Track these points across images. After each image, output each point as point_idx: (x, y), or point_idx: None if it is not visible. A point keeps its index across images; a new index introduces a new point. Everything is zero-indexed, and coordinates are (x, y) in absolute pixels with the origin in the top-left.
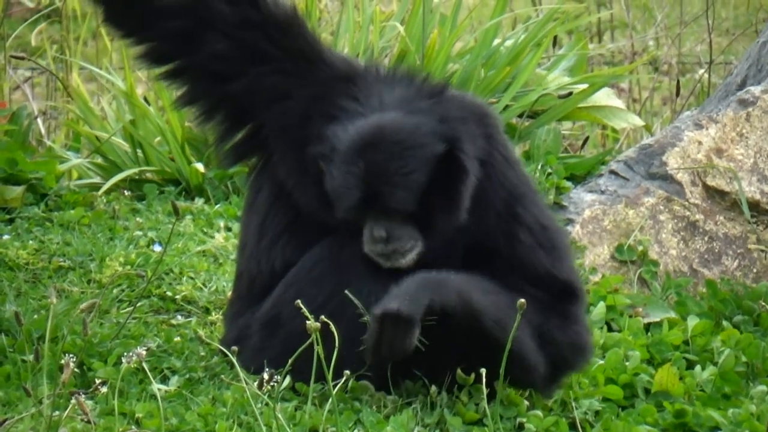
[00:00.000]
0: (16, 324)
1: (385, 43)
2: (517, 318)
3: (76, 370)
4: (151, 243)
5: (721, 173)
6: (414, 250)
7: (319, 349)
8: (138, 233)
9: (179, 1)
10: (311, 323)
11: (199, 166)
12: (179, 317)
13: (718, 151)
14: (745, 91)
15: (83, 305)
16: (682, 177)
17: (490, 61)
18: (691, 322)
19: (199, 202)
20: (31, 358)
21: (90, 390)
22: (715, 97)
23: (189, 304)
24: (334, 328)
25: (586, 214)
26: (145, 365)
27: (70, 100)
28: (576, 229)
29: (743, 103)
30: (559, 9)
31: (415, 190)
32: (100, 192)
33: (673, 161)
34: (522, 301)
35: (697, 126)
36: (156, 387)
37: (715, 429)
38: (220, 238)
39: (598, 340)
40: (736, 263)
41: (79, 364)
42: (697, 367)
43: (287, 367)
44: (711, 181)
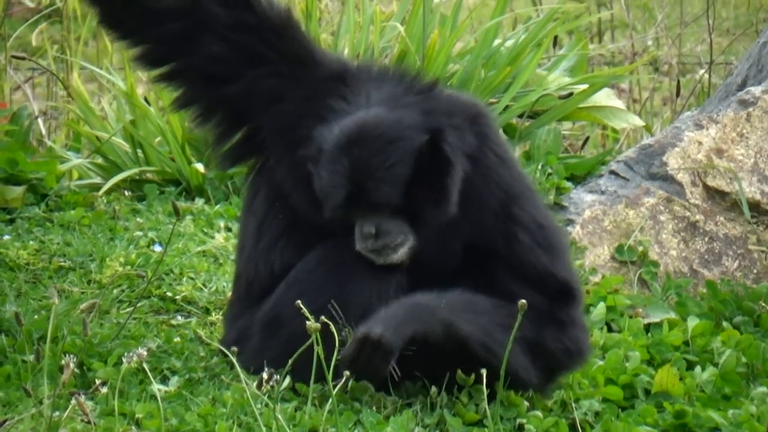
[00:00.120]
0: (17, 324)
1: (385, 43)
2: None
3: (76, 370)
4: (151, 243)
5: (721, 173)
6: (405, 244)
7: (319, 349)
8: (138, 233)
9: (175, 4)
10: (311, 324)
11: (200, 167)
12: (179, 318)
13: (719, 152)
14: (745, 92)
15: (83, 305)
16: (683, 177)
17: (491, 62)
18: (692, 322)
19: (199, 202)
20: (31, 358)
21: (90, 390)
22: (715, 97)
23: (189, 304)
24: (334, 329)
25: (587, 214)
26: (145, 366)
27: (71, 100)
28: (576, 230)
29: (743, 103)
30: (559, 9)
31: (399, 184)
32: (101, 192)
33: (673, 161)
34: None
35: (698, 126)
36: (156, 387)
37: (715, 430)
38: (220, 238)
39: (598, 340)
40: (736, 264)
41: (80, 365)
42: (697, 368)
43: (287, 367)
44: (711, 181)
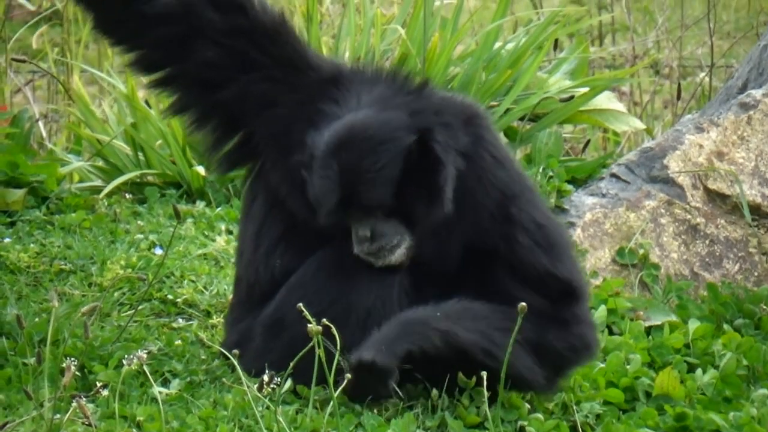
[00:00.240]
0: (18, 327)
1: (386, 46)
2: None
3: (77, 373)
4: (152, 246)
5: (722, 176)
6: (401, 245)
7: (320, 352)
8: (139, 236)
9: (169, 9)
10: (313, 326)
11: (201, 170)
12: (180, 320)
13: (719, 155)
14: (746, 95)
15: (84, 308)
16: (683, 180)
17: (491, 65)
18: (692, 325)
19: (200, 205)
20: (32, 361)
21: (91, 393)
22: (716, 100)
23: (190, 307)
24: (336, 332)
25: (587, 217)
26: (146, 368)
27: (72, 103)
28: (577, 233)
29: (744, 106)
30: (560, 12)
31: (389, 185)
32: (102, 195)
33: (674, 164)
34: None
35: (698, 129)
36: (157, 390)
37: None
38: (221, 241)
39: (599, 343)
40: (737, 266)
41: (80, 367)
42: (698, 371)
43: (288, 370)
44: (712, 184)
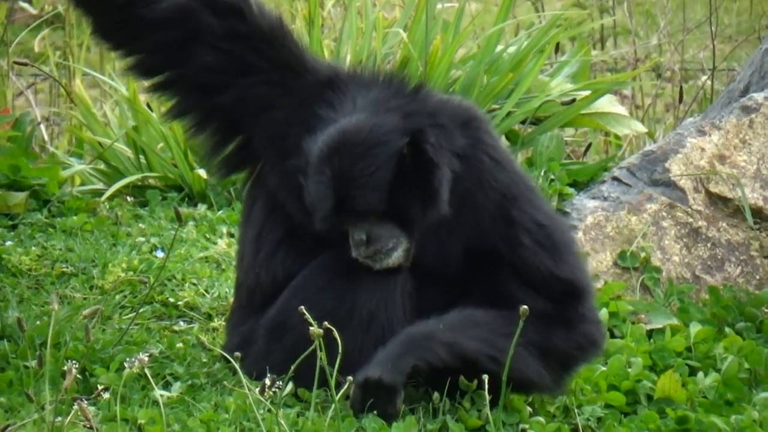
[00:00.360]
0: (19, 330)
1: (387, 49)
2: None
3: (78, 376)
4: (153, 249)
5: (723, 180)
6: (398, 248)
7: (322, 355)
8: (141, 239)
9: (168, 14)
10: (314, 329)
11: (202, 173)
12: (181, 323)
13: (721, 158)
14: (747, 98)
15: (86, 311)
16: (685, 183)
17: (493, 68)
18: (694, 328)
19: (201, 208)
20: (33, 364)
21: (92, 396)
22: (717, 103)
23: (191, 310)
24: (339, 334)
25: (589, 220)
26: (147, 371)
27: (73, 106)
28: (578, 236)
29: (746, 109)
30: (562, 15)
31: (383, 189)
32: (103, 198)
33: (675, 168)
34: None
35: (700, 133)
36: (158, 393)
37: None
38: (222, 244)
39: None
40: (738, 270)
41: (82, 370)
42: (700, 374)
43: (290, 373)
44: (714, 187)
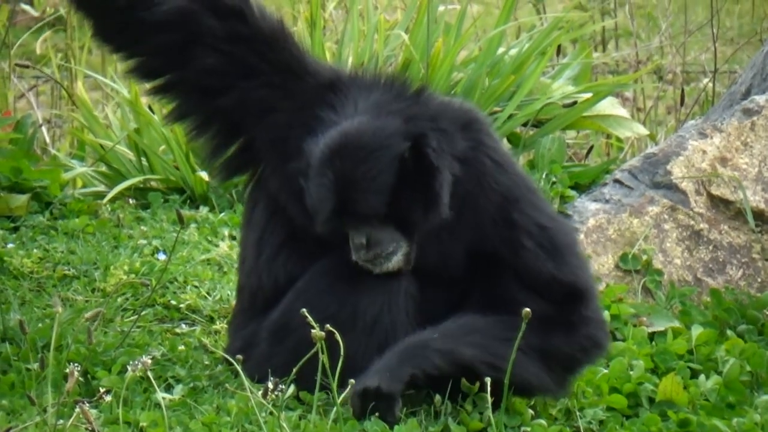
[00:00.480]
0: (21, 333)
1: (389, 51)
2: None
3: (80, 378)
4: (155, 251)
5: (725, 182)
6: (398, 252)
7: (324, 357)
8: (142, 242)
9: (169, 16)
10: (316, 332)
11: (204, 175)
12: (183, 326)
13: (723, 160)
14: (749, 100)
15: (88, 314)
16: (687, 186)
17: (495, 70)
18: (696, 331)
19: (203, 210)
20: (35, 366)
21: (94, 399)
22: (719, 106)
23: (193, 312)
24: (342, 337)
25: (591, 223)
26: (149, 374)
27: (75, 108)
28: (580, 239)
29: (748, 112)
30: (563, 18)
31: (384, 193)
32: (105, 200)
33: (677, 170)
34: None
35: (702, 135)
36: (160, 396)
37: None
38: (224, 246)
39: None
40: (740, 272)
41: (84, 373)
42: (702, 377)
43: (291, 375)
44: (715, 190)
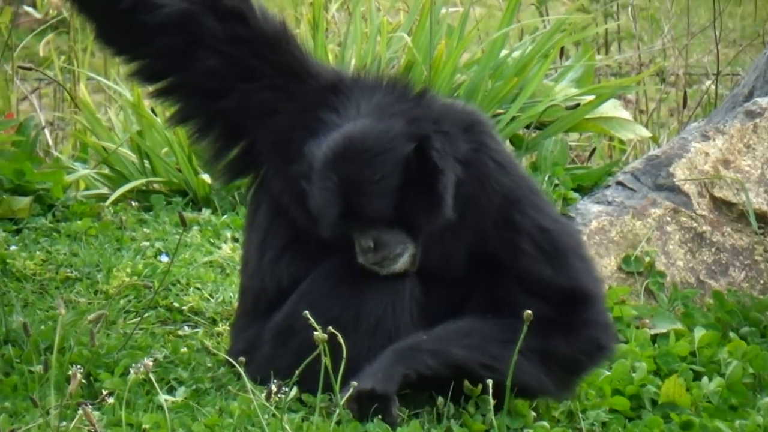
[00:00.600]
0: (24, 335)
1: (392, 54)
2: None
3: (83, 380)
4: (158, 254)
5: (728, 184)
6: (405, 253)
7: (326, 360)
8: (145, 244)
9: (171, 19)
10: (319, 334)
11: (206, 177)
12: (186, 328)
13: (725, 163)
14: (752, 103)
15: (90, 316)
16: (689, 188)
17: (497, 72)
18: (698, 333)
19: (206, 212)
20: (38, 368)
21: (97, 401)
22: (722, 108)
23: (196, 314)
24: (345, 339)
25: (593, 225)
26: (152, 376)
27: (78, 110)
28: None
29: (750, 114)
30: (566, 20)
31: (390, 195)
32: (108, 203)
33: (680, 172)
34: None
35: (704, 137)
36: (163, 398)
37: None
38: (227, 248)
39: None
40: (743, 274)
41: (86, 375)
42: (704, 379)
43: (294, 377)
44: (718, 192)
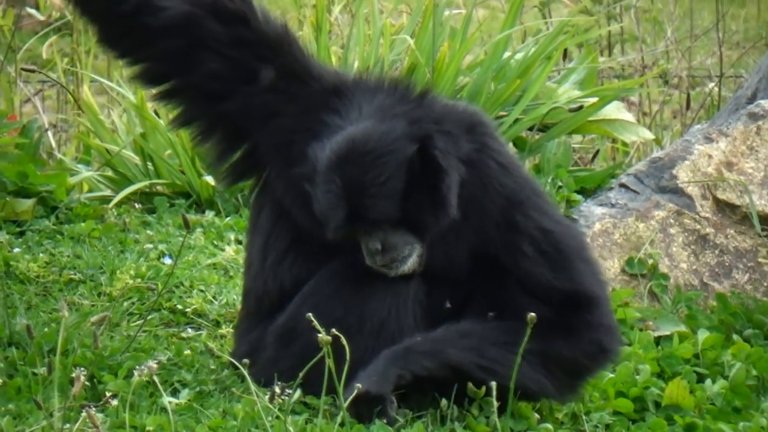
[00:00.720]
0: (27, 337)
1: (395, 56)
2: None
3: (86, 383)
4: (161, 256)
5: (731, 186)
6: (412, 254)
7: (330, 362)
8: (148, 246)
9: (172, 21)
10: (322, 336)
11: (210, 179)
12: (189, 330)
13: (729, 165)
14: (755, 105)
15: (94, 318)
16: (693, 190)
17: (501, 74)
18: (702, 335)
19: (209, 214)
20: (42, 371)
21: (101, 403)
22: (725, 110)
23: (199, 317)
24: (348, 341)
25: (597, 227)
26: (155, 378)
27: (81, 112)
28: None
29: (753, 116)
30: (569, 22)
31: (395, 197)
32: (111, 205)
33: (683, 174)
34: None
35: (708, 139)
36: (166, 400)
37: None
38: (230, 250)
39: None
40: (746, 277)
41: (90, 377)
42: (708, 381)
43: (298, 379)
44: (721, 194)
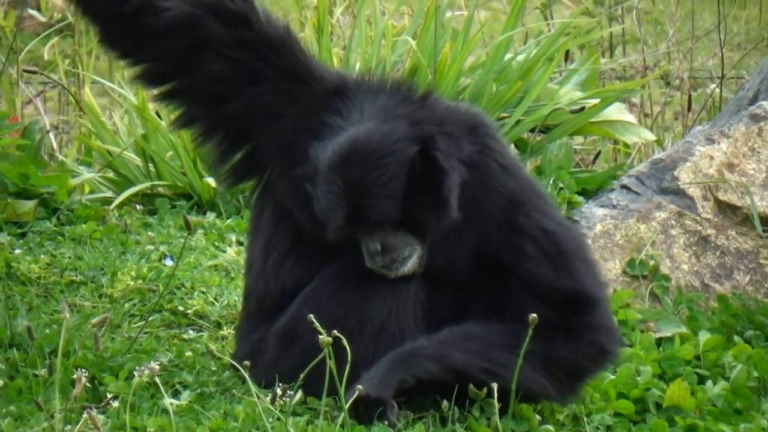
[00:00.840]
0: (28, 338)
1: (397, 57)
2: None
3: (87, 384)
4: (162, 257)
5: (732, 188)
6: (413, 255)
7: (331, 363)
8: (150, 247)
9: (174, 22)
10: (323, 338)
11: (211, 181)
12: (191, 332)
13: (730, 166)
14: (756, 106)
15: (95, 320)
16: (694, 191)
17: (502, 76)
18: (703, 337)
19: (210, 216)
20: (43, 372)
21: (102, 404)
22: (726, 111)
23: (200, 318)
24: (350, 342)
25: (598, 228)
26: (156, 380)
27: (82, 114)
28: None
29: (755, 117)
30: (570, 24)
31: (396, 198)
32: (112, 206)
33: (684, 176)
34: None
35: (709, 141)
36: (167, 401)
37: None
38: (231, 252)
39: None
40: (747, 278)
41: (91, 379)
42: (709, 382)
43: (299, 381)
44: (723, 195)
